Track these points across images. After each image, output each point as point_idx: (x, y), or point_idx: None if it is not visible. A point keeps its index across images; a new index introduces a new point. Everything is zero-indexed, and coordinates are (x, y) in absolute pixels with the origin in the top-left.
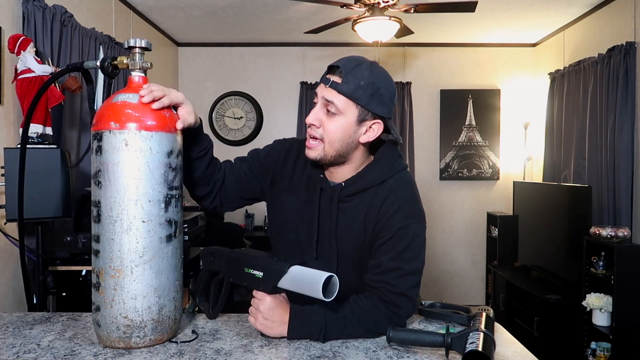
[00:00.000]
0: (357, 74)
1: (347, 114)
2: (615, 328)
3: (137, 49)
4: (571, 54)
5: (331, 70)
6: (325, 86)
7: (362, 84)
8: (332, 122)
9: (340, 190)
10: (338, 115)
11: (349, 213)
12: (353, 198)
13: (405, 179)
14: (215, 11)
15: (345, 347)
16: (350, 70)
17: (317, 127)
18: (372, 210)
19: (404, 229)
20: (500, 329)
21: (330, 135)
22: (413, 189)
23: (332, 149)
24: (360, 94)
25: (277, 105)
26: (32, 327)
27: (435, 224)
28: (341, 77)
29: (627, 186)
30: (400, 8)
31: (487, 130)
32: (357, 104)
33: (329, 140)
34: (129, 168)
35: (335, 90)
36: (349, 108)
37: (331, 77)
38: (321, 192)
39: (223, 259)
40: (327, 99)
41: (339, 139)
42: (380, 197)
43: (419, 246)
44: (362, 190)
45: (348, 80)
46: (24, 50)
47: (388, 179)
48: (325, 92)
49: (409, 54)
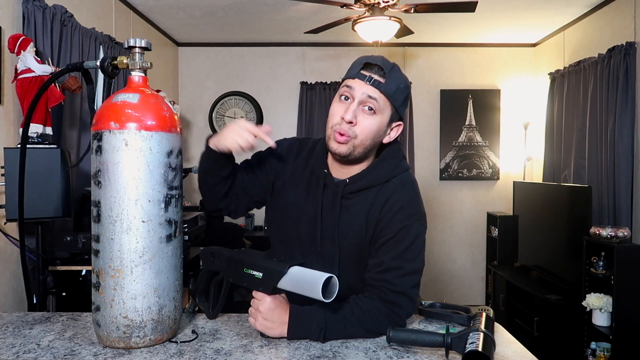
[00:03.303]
0: (396, 76)
1: (384, 114)
2: (615, 328)
3: (137, 48)
4: (571, 54)
5: (369, 68)
6: (366, 83)
7: (401, 86)
8: (370, 119)
9: (344, 187)
10: (377, 114)
11: (351, 210)
12: (356, 195)
13: (409, 179)
14: (215, 11)
15: (345, 347)
16: (389, 70)
17: (353, 125)
18: (374, 208)
19: (406, 229)
20: (500, 329)
21: (365, 132)
22: (416, 190)
23: (362, 146)
24: (398, 95)
25: (277, 105)
26: (32, 327)
27: (435, 224)
28: (383, 77)
29: (627, 186)
30: (400, 8)
31: (487, 130)
32: (392, 105)
33: (363, 137)
34: (129, 168)
35: (378, 89)
36: (387, 108)
37: (371, 75)
38: (324, 187)
39: (223, 259)
40: (370, 96)
41: (372, 137)
42: (384, 195)
43: (420, 246)
44: (366, 188)
45: (389, 81)
46: (24, 50)
47: (392, 178)
48: (367, 89)
49: (409, 54)
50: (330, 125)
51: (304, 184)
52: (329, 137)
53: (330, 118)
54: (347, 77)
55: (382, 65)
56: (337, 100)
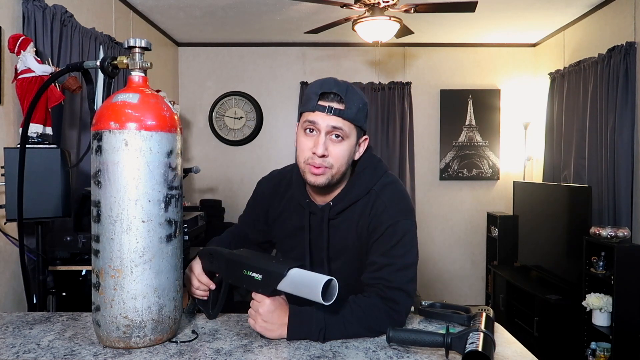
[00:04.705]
0: (354, 98)
1: (351, 137)
2: (615, 328)
3: (137, 48)
4: (571, 54)
5: (325, 97)
6: (327, 114)
7: (360, 106)
8: (339, 146)
9: (330, 210)
10: (345, 139)
11: (341, 227)
12: (342, 214)
13: (388, 182)
14: (215, 11)
15: (345, 347)
16: (345, 94)
17: (326, 157)
18: (363, 220)
19: (393, 227)
20: (500, 329)
21: (340, 160)
22: (398, 189)
23: (339, 172)
24: (360, 116)
25: (277, 105)
26: (32, 327)
27: (435, 224)
28: (342, 103)
29: (627, 186)
30: (400, 8)
31: (487, 130)
32: (356, 126)
33: (338, 165)
34: (129, 168)
35: (340, 117)
36: (352, 131)
37: (330, 104)
38: (310, 215)
39: (221, 260)
40: (334, 126)
41: (345, 162)
42: (368, 205)
43: (410, 241)
44: (350, 205)
45: (349, 105)
46: (24, 50)
47: (373, 187)
48: (329, 120)
49: (409, 54)
50: (302, 160)
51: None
52: (304, 172)
53: (300, 153)
54: (306, 111)
55: (337, 92)
56: (302, 134)
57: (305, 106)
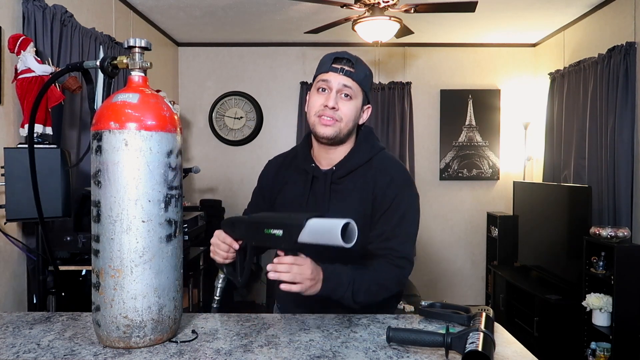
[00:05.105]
0: (362, 66)
1: (357, 98)
2: (615, 328)
3: (137, 48)
4: (571, 54)
5: (338, 61)
6: (340, 74)
7: (367, 73)
8: (348, 104)
9: (333, 174)
10: (353, 99)
11: (343, 192)
12: (345, 179)
13: (389, 155)
14: (215, 11)
15: (345, 347)
16: (356, 61)
17: (336, 110)
18: (367, 186)
19: (399, 198)
20: (500, 329)
21: (347, 116)
22: (399, 162)
23: (347, 128)
24: (366, 82)
25: (277, 105)
26: (32, 326)
27: (435, 224)
28: (352, 67)
29: (627, 186)
30: (400, 8)
31: (487, 130)
32: (363, 90)
33: (346, 120)
34: (129, 168)
35: (350, 77)
36: (359, 93)
37: (343, 67)
38: (313, 179)
39: (242, 226)
40: (345, 84)
41: (352, 119)
42: (372, 173)
43: (415, 211)
44: (352, 170)
45: (358, 70)
46: (24, 50)
47: (373, 157)
48: (341, 79)
49: (409, 54)
50: (313, 113)
51: (297, 181)
52: (314, 124)
53: (311, 108)
54: (321, 72)
55: (349, 58)
56: (315, 93)
57: (319, 69)
